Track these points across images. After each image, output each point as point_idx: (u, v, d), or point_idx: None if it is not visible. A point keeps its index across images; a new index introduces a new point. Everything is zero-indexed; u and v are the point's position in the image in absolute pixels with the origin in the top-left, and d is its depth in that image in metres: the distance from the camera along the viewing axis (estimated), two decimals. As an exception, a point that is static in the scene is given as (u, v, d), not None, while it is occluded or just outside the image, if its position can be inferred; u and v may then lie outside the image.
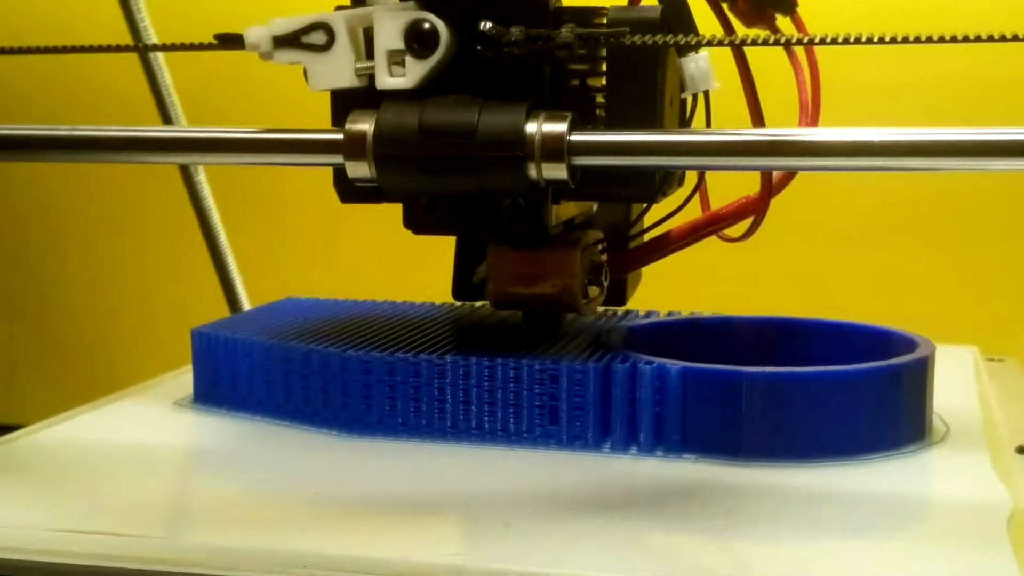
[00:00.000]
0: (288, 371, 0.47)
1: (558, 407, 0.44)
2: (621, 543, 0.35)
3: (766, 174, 0.46)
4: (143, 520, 0.38)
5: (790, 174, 0.46)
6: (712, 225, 0.48)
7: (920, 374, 0.45)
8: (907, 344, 0.46)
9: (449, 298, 0.51)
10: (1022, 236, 0.79)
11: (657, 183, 0.45)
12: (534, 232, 0.43)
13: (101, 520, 0.37)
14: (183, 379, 0.56)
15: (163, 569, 0.34)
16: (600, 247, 0.47)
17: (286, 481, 0.42)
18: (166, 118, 0.75)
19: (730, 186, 0.48)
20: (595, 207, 0.51)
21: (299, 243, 0.93)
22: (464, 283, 0.50)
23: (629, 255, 0.50)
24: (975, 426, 0.47)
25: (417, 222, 0.44)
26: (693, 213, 0.49)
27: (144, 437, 0.47)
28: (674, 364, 0.43)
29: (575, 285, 0.45)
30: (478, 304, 0.55)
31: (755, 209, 0.47)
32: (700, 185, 0.50)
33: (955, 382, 0.54)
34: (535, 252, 0.45)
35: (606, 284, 0.47)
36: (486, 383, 0.45)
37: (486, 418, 0.45)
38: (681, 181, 0.49)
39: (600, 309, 0.52)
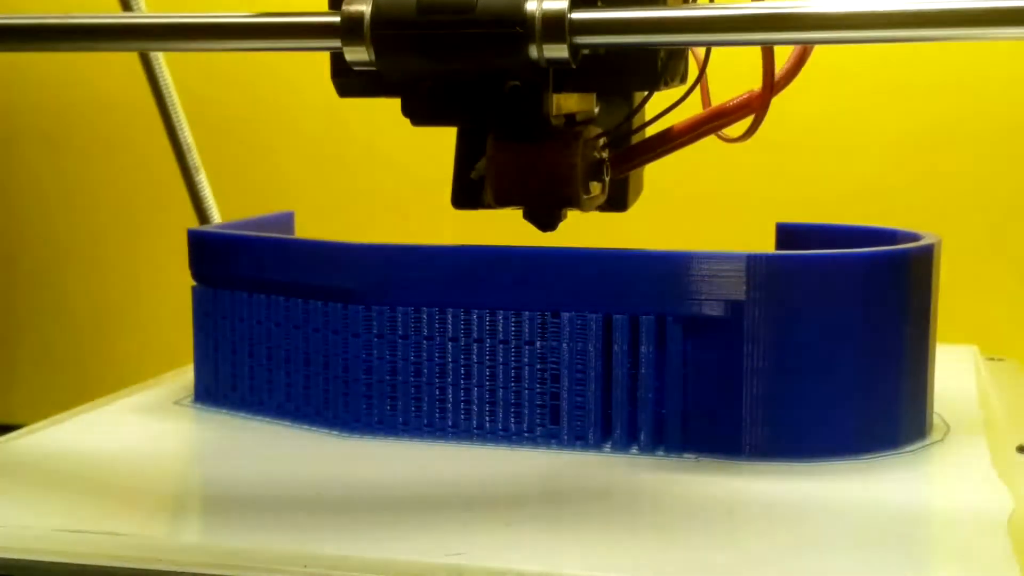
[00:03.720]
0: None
1: (559, 407, 0.44)
2: (621, 543, 0.35)
3: (768, 68, 0.45)
4: (143, 520, 0.38)
5: (793, 69, 0.45)
6: (714, 120, 0.47)
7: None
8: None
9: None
10: (1022, 236, 0.79)
11: (659, 69, 0.44)
12: (534, 120, 0.42)
13: (101, 520, 0.37)
14: (183, 378, 0.56)
15: (163, 569, 0.34)
16: (601, 142, 0.47)
17: (286, 481, 0.42)
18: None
19: (732, 88, 0.47)
20: (596, 110, 0.50)
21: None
22: (463, 188, 0.49)
23: (631, 151, 0.49)
24: (975, 425, 0.47)
25: (416, 110, 0.43)
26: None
27: (144, 437, 0.47)
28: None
29: (576, 178, 0.44)
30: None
31: (758, 105, 0.46)
32: (701, 78, 0.48)
33: (956, 381, 0.54)
34: (535, 145, 0.44)
35: (607, 181, 0.47)
36: (487, 382, 0.45)
37: (487, 418, 0.45)
38: (683, 78, 0.48)
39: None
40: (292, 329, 0.48)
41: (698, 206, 0.81)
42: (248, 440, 0.46)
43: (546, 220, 0.46)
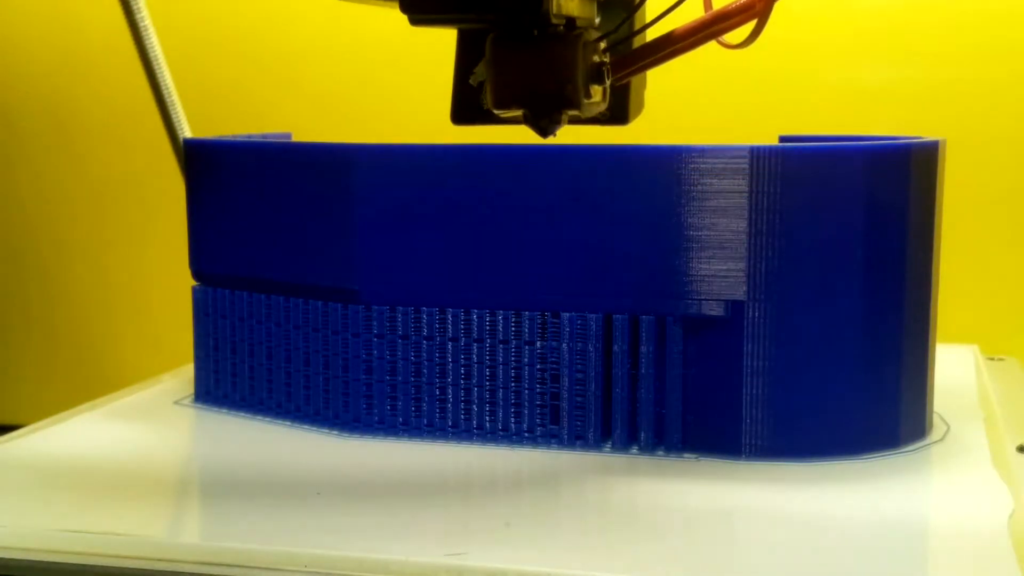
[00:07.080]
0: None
1: (559, 407, 0.44)
2: (620, 543, 0.35)
3: None
4: (143, 520, 0.38)
5: None
6: (717, 23, 0.47)
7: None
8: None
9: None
10: (1023, 235, 0.79)
11: None
12: (534, 17, 0.42)
13: (101, 520, 0.37)
14: (183, 378, 0.56)
15: (163, 569, 0.34)
16: (602, 46, 0.46)
17: (286, 481, 0.42)
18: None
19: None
20: (597, 20, 0.50)
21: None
22: (463, 101, 0.48)
23: (631, 56, 0.49)
24: (976, 425, 0.47)
25: (414, 6, 0.42)
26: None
27: (144, 437, 0.47)
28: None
29: (576, 77, 0.44)
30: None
31: (761, 8, 0.46)
32: None
33: (956, 381, 0.54)
34: (535, 46, 0.44)
35: (608, 87, 0.47)
36: (487, 382, 0.45)
37: (487, 418, 0.45)
38: None
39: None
40: (292, 329, 0.48)
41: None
42: (248, 440, 0.46)
43: (546, 124, 0.46)
